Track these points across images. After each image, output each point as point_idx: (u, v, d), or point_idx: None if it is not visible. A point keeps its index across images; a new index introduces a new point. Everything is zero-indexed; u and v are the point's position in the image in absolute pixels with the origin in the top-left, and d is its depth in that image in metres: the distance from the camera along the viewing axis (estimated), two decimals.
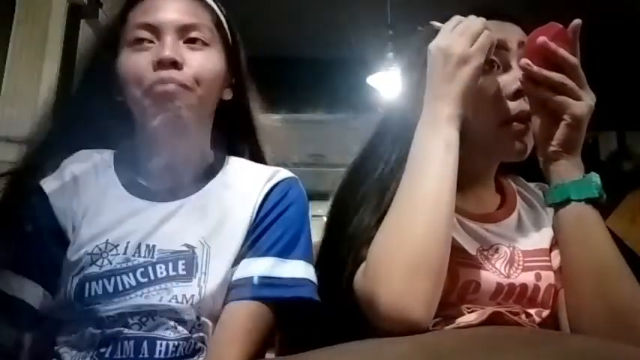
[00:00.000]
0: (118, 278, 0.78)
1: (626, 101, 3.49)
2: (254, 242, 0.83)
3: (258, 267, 0.81)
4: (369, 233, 0.74)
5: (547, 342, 0.61)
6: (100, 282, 0.78)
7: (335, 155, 5.73)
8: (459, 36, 0.76)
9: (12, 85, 2.56)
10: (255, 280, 0.80)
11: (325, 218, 0.93)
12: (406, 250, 0.69)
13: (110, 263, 0.79)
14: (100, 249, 0.79)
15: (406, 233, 0.70)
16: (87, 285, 0.77)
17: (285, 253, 0.82)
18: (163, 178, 0.86)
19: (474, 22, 0.77)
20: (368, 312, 0.70)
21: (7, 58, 2.57)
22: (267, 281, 0.80)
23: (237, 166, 0.91)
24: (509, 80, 0.80)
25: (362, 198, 0.79)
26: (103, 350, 0.75)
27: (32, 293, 0.79)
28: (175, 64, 0.81)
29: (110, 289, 0.77)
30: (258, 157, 0.95)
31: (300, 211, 0.87)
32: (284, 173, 0.89)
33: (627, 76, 3.75)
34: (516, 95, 0.80)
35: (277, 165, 0.93)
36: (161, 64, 0.81)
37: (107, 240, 0.80)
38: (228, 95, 0.91)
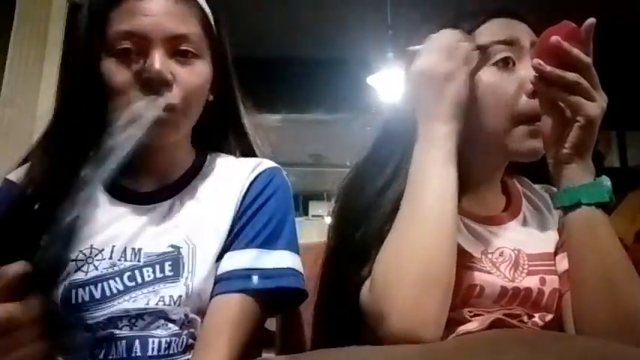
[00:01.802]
0: (105, 284, 0.77)
1: (626, 101, 3.49)
2: (237, 234, 0.82)
3: (242, 259, 0.80)
4: (374, 249, 0.73)
5: (549, 342, 0.61)
6: (87, 288, 0.77)
7: (335, 155, 5.74)
8: (437, 54, 0.75)
9: (12, 86, 2.57)
10: (239, 273, 0.79)
11: (325, 218, 0.93)
12: (412, 270, 0.68)
13: (96, 269, 0.78)
14: (85, 254, 0.78)
15: (410, 253, 0.69)
16: (73, 292, 0.76)
17: (268, 243, 0.82)
18: (148, 182, 0.86)
19: (447, 36, 0.77)
20: (375, 328, 0.69)
21: (7, 58, 2.58)
22: (251, 273, 0.79)
23: (219, 163, 0.90)
24: (527, 78, 0.78)
25: (366, 210, 0.79)
26: (96, 352, 0.75)
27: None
28: (166, 83, 0.77)
29: (97, 295, 0.77)
30: (249, 153, 0.93)
31: (283, 200, 0.86)
32: (266, 164, 0.88)
33: (627, 76, 3.75)
34: (535, 93, 0.78)
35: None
36: (149, 82, 0.76)
37: (91, 245, 0.79)
38: (210, 97, 0.87)
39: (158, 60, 0.76)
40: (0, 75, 2.56)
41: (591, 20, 0.72)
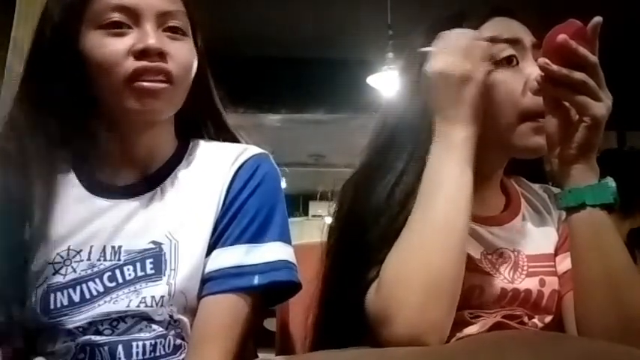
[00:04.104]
0: (84, 286, 0.74)
1: (626, 101, 3.49)
2: (224, 230, 0.79)
3: (230, 257, 0.77)
4: (382, 251, 0.73)
5: (552, 343, 0.61)
6: (66, 292, 0.74)
7: (335, 155, 5.74)
8: (453, 55, 0.74)
9: (12, 87, 2.55)
10: (229, 271, 0.76)
11: (325, 218, 0.91)
12: (421, 275, 0.68)
13: (74, 271, 0.75)
14: (62, 257, 0.75)
15: (420, 258, 0.69)
16: (52, 296, 0.74)
17: (258, 237, 0.78)
18: (127, 174, 0.81)
19: (461, 36, 0.76)
20: (379, 331, 0.69)
21: (7, 58, 2.57)
22: (241, 270, 0.76)
23: (202, 149, 0.86)
24: (532, 75, 0.78)
25: (374, 213, 0.77)
26: (79, 358, 0.73)
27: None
28: (161, 55, 0.75)
29: (76, 298, 0.74)
30: (230, 140, 0.89)
31: (270, 189, 0.82)
32: (251, 150, 0.84)
33: (627, 75, 3.75)
34: (540, 91, 0.77)
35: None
36: (146, 53, 0.74)
37: (69, 247, 0.76)
38: None
39: (152, 31, 0.75)
40: (0, 75, 2.55)
41: (598, 19, 0.71)
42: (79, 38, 0.76)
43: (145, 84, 0.74)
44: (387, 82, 3.30)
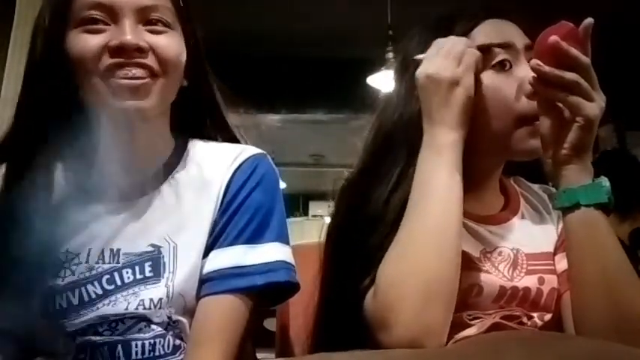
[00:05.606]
0: (83, 289, 0.74)
1: (625, 101, 3.49)
2: (222, 230, 0.78)
3: (228, 257, 0.77)
4: (377, 258, 0.73)
5: (547, 343, 0.61)
6: (64, 295, 0.74)
7: (335, 155, 5.74)
8: (445, 59, 0.75)
9: (12, 87, 2.56)
10: (226, 272, 0.76)
11: (325, 218, 0.91)
12: (416, 279, 0.68)
13: (73, 274, 0.75)
14: (61, 259, 0.75)
15: (415, 262, 0.69)
16: (50, 299, 0.74)
17: (256, 237, 0.78)
18: (123, 177, 0.80)
19: (456, 42, 0.77)
20: (378, 335, 0.69)
21: (7, 59, 2.57)
22: (239, 271, 0.76)
23: (200, 151, 0.85)
24: (525, 79, 0.78)
25: (371, 222, 0.77)
26: (81, 357, 0.73)
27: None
28: (140, 50, 0.73)
29: (75, 301, 0.74)
30: (230, 140, 0.89)
31: (268, 189, 0.82)
32: (249, 151, 0.84)
33: (627, 75, 3.75)
34: (534, 94, 0.78)
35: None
36: (122, 50, 0.72)
37: (67, 249, 0.76)
38: (184, 82, 0.82)
39: (130, 27, 0.73)
40: (0, 75, 2.55)
41: (589, 20, 0.72)
42: (65, 39, 0.75)
43: (122, 81, 0.72)
44: (387, 82, 3.31)
